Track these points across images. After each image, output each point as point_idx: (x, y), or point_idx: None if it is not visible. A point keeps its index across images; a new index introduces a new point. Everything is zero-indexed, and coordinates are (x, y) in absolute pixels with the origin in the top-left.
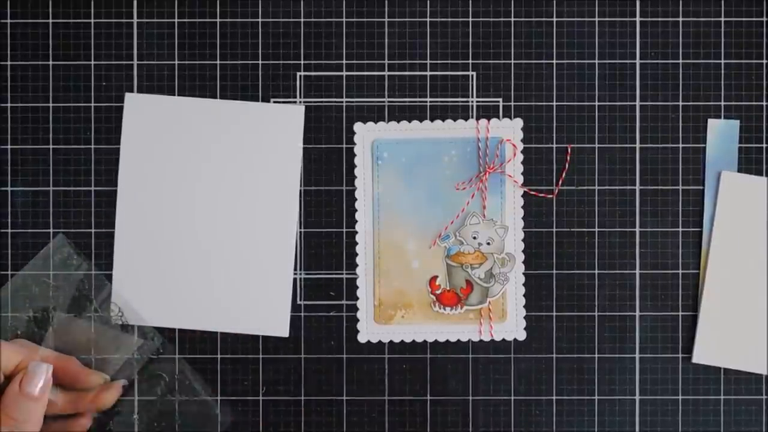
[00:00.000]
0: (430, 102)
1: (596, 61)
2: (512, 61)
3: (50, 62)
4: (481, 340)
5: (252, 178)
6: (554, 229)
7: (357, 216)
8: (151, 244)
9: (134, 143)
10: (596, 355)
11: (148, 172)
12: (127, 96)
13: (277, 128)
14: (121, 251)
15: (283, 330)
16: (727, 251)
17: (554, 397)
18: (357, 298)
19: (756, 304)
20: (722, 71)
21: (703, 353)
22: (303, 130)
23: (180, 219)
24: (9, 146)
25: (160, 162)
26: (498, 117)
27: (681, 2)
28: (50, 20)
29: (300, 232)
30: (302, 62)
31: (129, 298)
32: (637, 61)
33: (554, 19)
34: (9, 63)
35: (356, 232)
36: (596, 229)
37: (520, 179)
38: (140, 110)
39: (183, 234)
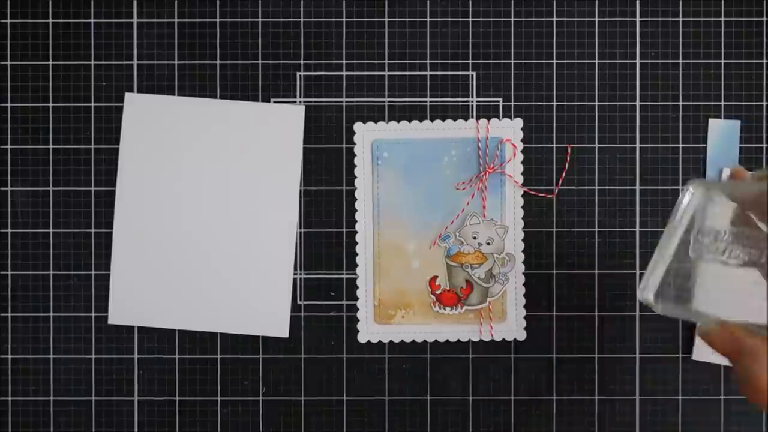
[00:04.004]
0: (430, 102)
1: (596, 61)
2: (512, 61)
3: (50, 62)
4: (481, 340)
5: (252, 178)
6: (554, 229)
7: (357, 216)
8: (149, 244)
9: (134, 143)
10: (596, 355)
11: (148, 171)
12: (127, 96)
13: (277, 128)
14: (119, 251)
15: (282, 330)
16: None
17: (554, 397)
18: (357, 298)
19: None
20: (722, 71)
21: (703, 351)
22: (303, 130)
23: (179, 219)
24: (9, 146)
25: (160, 162)
26: (498, 117)
27: (681, 2)
28: (50, 20)
29: (300, 232)
30: (302, 62)
31: (127, 298)
32: (637, 61)
33: (554, 19)
34: (9, 63)
35: (356, 232)
36: (596, 229)
37: (520, 179)
38: (140, 110)
39: (182, 234)
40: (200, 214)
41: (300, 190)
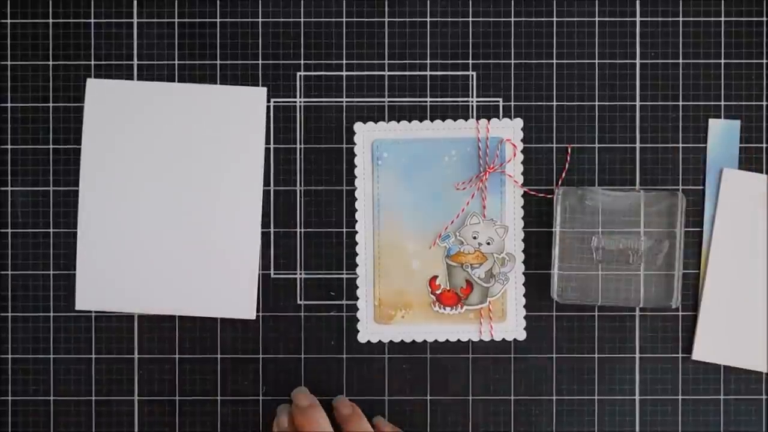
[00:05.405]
0: (430, 102)
1: (596, 61)
2: (512, 61)
3: (50, 62)
4: (481, 340)
5: (216, 161)
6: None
7: (357, 216)
8: (117, 237)
9: (96, 131)
10: (596, 355)
11: (110, 161)
12: (89, 81)
13: (240, 111)
14: (84, 248)
15: (249, 312)
16: (728, 249)
17: (554, 397)
18: (357, 298)
19: (756, 302)
20: (722, 71)
21: (703, 350)
22: (302, 130)
23: (149, 208)
24: (9, 146)
25: (122, 150)
26: (498, 117)
27: (681, 2)
28: (50, 20)
29: (300, 232)
30: (302, 62)
31: (92, 286)
32: (637, 61)
33: (554, 19)
34: (9, 63)
35: (356, 232)
36: None
37: (520, 179)
38: (101, 96)
39: (148, 222)
40: (168, 200)
41: (300, 190)
